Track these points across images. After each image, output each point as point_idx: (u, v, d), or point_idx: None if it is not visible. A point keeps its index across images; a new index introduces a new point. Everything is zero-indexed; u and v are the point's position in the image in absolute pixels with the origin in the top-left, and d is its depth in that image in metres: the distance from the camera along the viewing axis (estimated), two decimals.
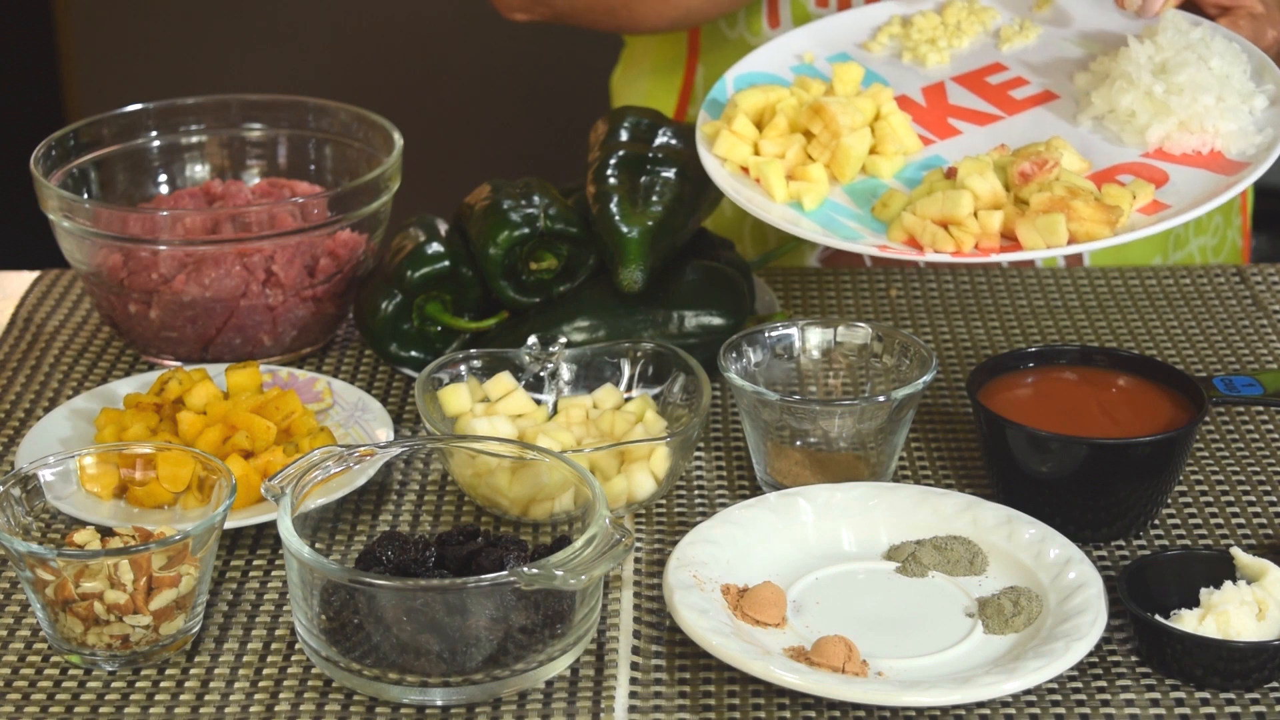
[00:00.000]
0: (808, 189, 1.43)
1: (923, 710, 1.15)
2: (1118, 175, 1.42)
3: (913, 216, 1.37)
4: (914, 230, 1.37)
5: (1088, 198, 1.36)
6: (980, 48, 1.58)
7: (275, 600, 1.26)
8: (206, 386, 1.39)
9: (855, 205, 1.43)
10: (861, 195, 1.44)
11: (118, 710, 1.16)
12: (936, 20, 1.59)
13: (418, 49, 3.36)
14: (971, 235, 1.36)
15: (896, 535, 1.29)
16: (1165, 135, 1.44)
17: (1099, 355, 1.38)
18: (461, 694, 1.15)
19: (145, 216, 1.48)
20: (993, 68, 1.56)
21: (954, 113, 1.51)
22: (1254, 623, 1.17)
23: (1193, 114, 1.43)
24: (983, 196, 1.37)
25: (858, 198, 1.44)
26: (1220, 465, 1.40)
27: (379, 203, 1.54)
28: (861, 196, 1.44)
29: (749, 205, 1.41)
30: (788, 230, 1.39)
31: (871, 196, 1.43)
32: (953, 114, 1.51)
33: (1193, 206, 1.37)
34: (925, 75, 1.56)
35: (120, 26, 3.41)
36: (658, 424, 1.37)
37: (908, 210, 1.38)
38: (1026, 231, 1.35)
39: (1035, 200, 1.36)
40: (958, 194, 1.36)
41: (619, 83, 1.93)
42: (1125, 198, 1.37)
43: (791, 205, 1.43)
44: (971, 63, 1.56)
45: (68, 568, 1.16)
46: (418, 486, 1.36)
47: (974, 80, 1.55)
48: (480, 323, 1.49)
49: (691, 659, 1.20)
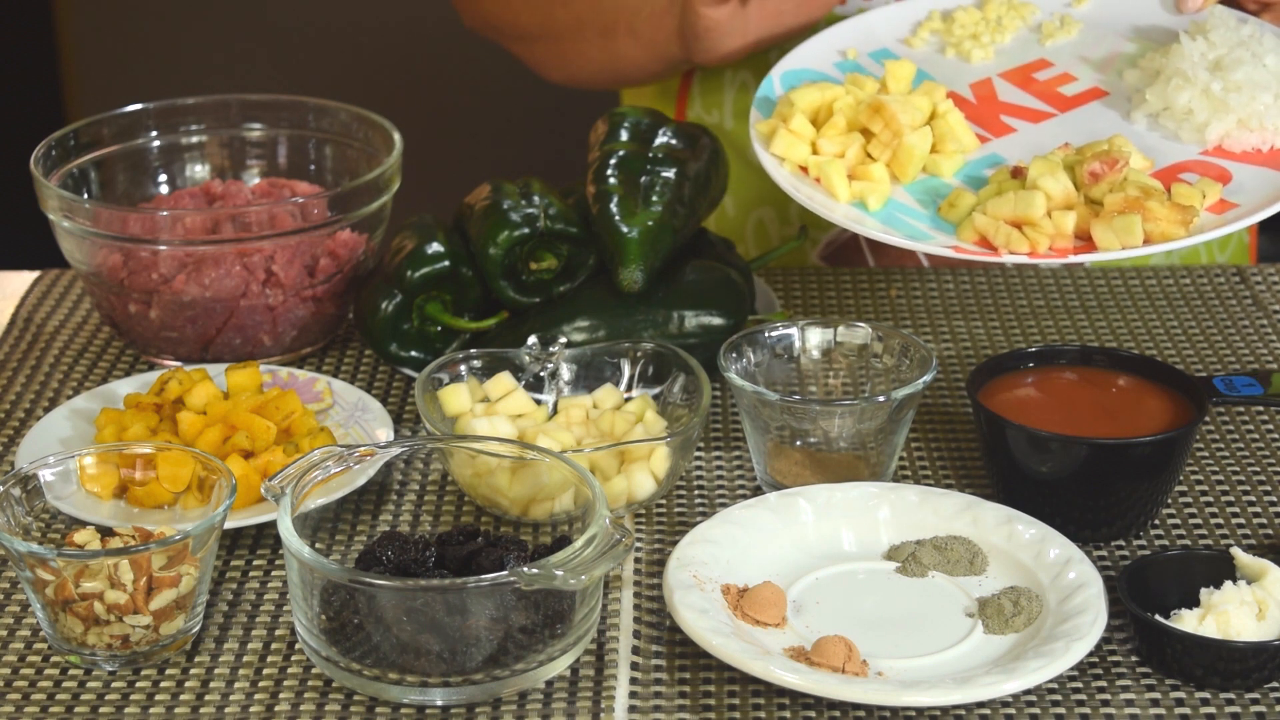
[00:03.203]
0: (871, 189, 1.42)
1: (923, 710, 1.15)
2: (1181, 174, 1.42)
3: (984, 217, 1.37)
4: (986, 231, 1.36)
5: (1161, 198, 1.35)
6: (1022, 43, 1.57)
7: (275, 600, 1.26)
8: (206, 386, 1.39)
9: (919, 205, 1.42)
10: (923, 195, 1.43)
11: (118, 710, 1.16)
12: (978, 15, 1.58)
13: (418, 49, 3.36)
14: (1046, 236, 1.35)
15: (896, 535, 1.29)
16: (1225, 133, 1.43)
17: (1099, 355, 1.38)
18: (461, 694, 1.15)
19: (145, 216, 1.48)
20: (1039, 64, 1.55)
21: (1006, 110, 1.51)
22: (1254, 623, 1.17)
23: (1251, 112, 1.43)
24: (1055, 197, 1.36)
25: (920, 197, 1.43)
26: (1220, 465, 1.40)
27: (379, 203, 1.54)
28: (924, 196, 1.43)
29: (810, 204, 1.40)
30: (852, 229, 1.38)
31: (933, 195, 1.43)
32: (1005, 111, 1.50)
33: (1263, 205, 1.37)
34: (971, 71, 1.55)
35: (120, 26, 3.41)
36: (658, 424, 1.37)
37: (978, 211, 1.37)
38: (1102, 232, 1.34)
39: (1109, 201, 1.35)
40: (1031, 194, 1.36)
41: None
42: (1196, 197, 1.37)
43: (855, 205, 1.42)
44: (1016, 58, 1.56)
45: (68, 568, 1.16)
46: (418, 486, 1.36)
47: (1021, 76, 1.54)
48: (480, 323, 1.49)
49: (691, 659, 1.20)
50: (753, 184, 1.81)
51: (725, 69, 1.77)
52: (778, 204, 1.80)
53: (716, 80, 1.79)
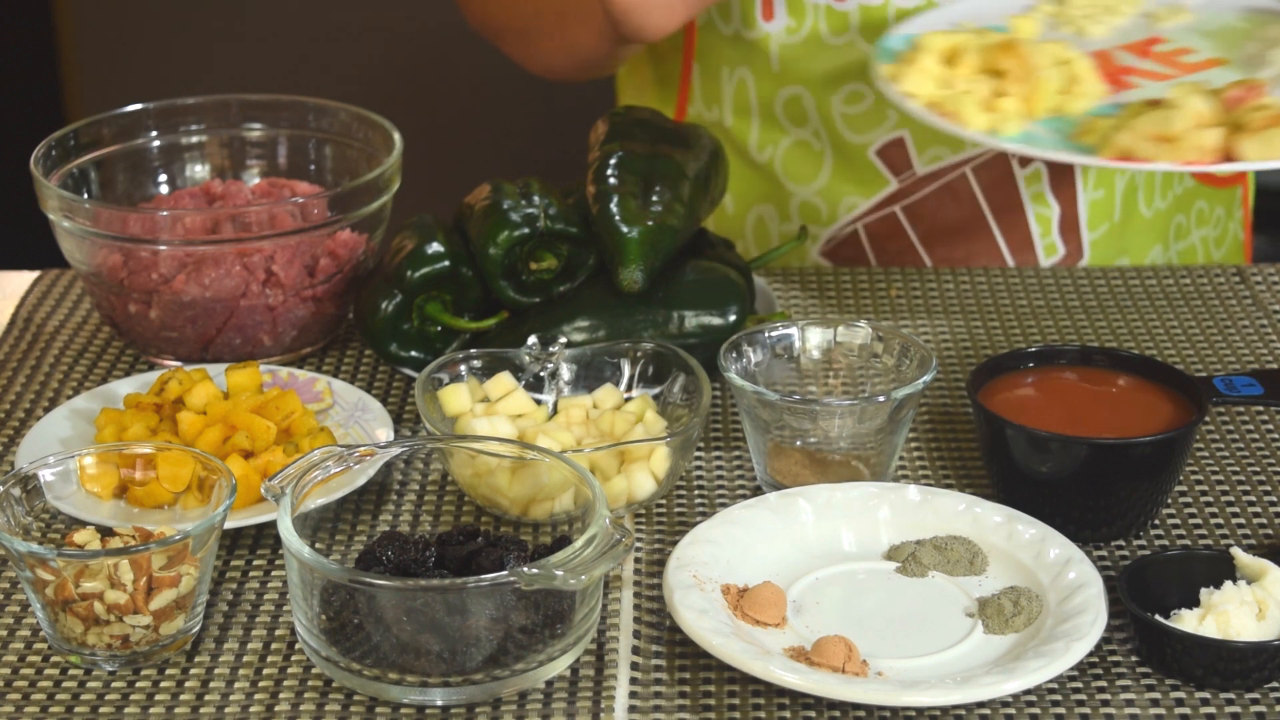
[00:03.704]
0: (1003, 119, 1.43)
1: (923, 710, 1.15)
2: None
3: (1127, 133, 1.37)
4: (1130, 146, 1.37)
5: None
6: (1136, 25, 1.60)
7: (275, 600, 1.26)
8: (206, 386, 1.39)
9: (1053, 134, 1.43)
10: (1055, 129, 1.44)
11: (118, 710, 1.16)
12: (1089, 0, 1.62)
13: (418, 48, 3.36)
14: (1192, 149, 1.36)
15: (896, 535, 1.29)
16: None
17: (1099, 355, 1.38)
18: (461, 694, 1.15)
19: (145, 216, 1.48)
20: (1155, 39, 1.57)
21: (1129, 72, 1.52)
22: (1254, 623, 1.17)
23: None
24: (1201, 113, 1.37)
25: (1052, 129, 1.44)
26: (1220, 465, 1.40)
27: (379, 203, 1.54)
28: (1056, 129, 1.44)
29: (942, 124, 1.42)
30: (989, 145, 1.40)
31: (1066, 130, 1.44)
32: (1128, 73, 1.52)
33: None
34: (1089, 43, 1.56)
35: (120, 26, 3.41)
36: (658, 424, 1.37)
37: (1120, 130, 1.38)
38: (1249, 145, 1.36)
39: (1253, 119, 1.37)
40: (1173, 112, 1.37)
41: (625, 82, 1.94)
42: None
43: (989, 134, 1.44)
44: (1132, 35, 1.58)
45: (68, 568, 1.16)
46: (418, 486, 1.36)
47: (1141, 48, 1.56)
48: (480, 323, 1.49)
49: (691, 659, 1.20)
50: (752, 181, 1.81)
51: (723, 66, 1.78)
52: (777, 201, 1.81)
53: (716, 77, 1.79)
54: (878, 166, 1.76)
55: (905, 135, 1.74)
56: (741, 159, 1.80)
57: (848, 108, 1.74)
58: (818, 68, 1.73)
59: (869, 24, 1.70)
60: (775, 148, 1.78)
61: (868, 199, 1.77)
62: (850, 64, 1.72)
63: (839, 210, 1.78)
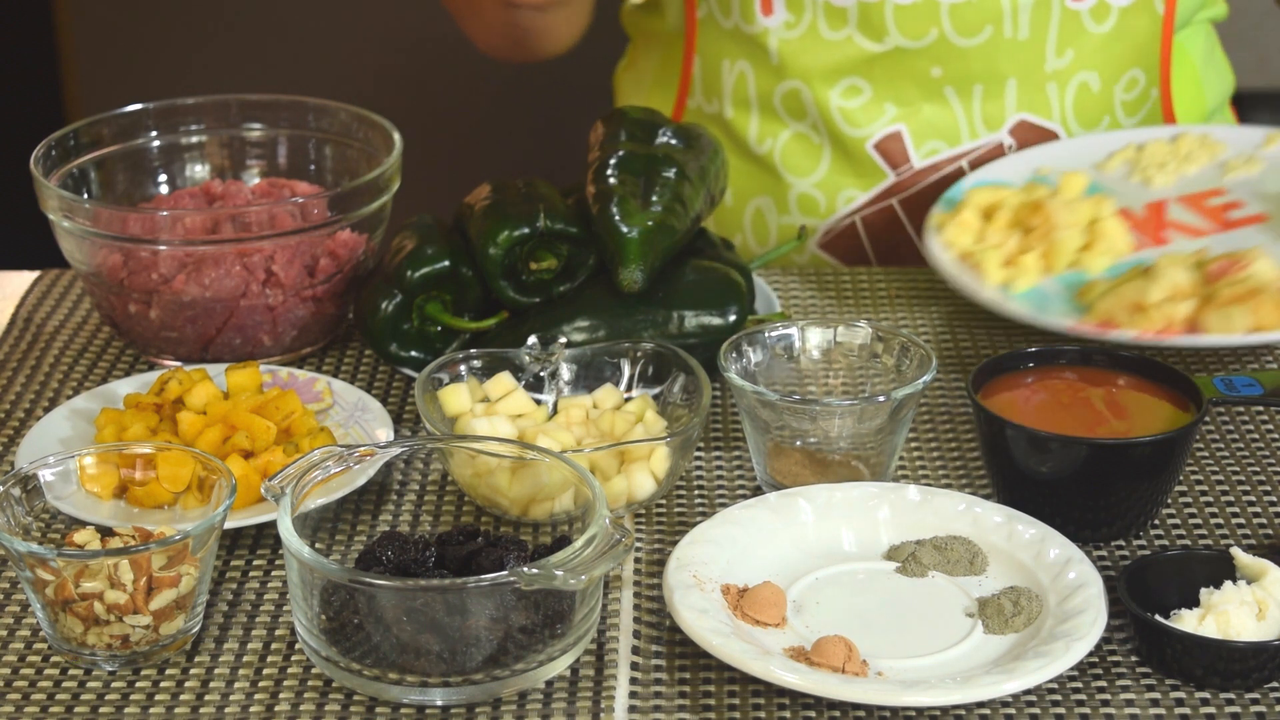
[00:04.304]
0: (1019, 274, 1.53)
1: (923, 710, 1.15)
2: None
3: (1109, 301, 1.46)
4: (1109, 313, 1.46)
5: (1274, 294, 1.43)
6: (1206, 175, 1.68)
7: (275, 600, 1.26)
8: (206, 386, 1.39)
9: (1061, 291, 1.52)
10: (1067, 285, 1.53)
11: (118, 710, 1.16)
12: (1169, 148, 1.70)
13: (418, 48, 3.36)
14: (1163, 319, 1.44)
15: (896, 535, 1.29)
16: None
17: (1099, 355, 1.38)
18: (461, 694, 1.15)
19: (145, 216, 1.48)
20: (1214, 192, 1.66)
21: (1169, 226, 1.61)
22: (1254, 623, 1.17)
23: None
24: (1176, 286, 1.45)
25: (1064, 285, 1.53)
26: (1220, 465, 1.40)
27: (379, 203, 1.54)
28: (1067, 285, 1.53)
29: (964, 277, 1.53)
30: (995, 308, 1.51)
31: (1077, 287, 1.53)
32: (1168, 227, 1.61)
33: None
34: (1149, 194, 1.65)
35: (120, 26, 3.41)
36: (658, 424, 1.37)
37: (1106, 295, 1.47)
38: (1211, 318, 1.43)
39: (1223, 292, 1.44)
40: (1152, 282, 1.45)
41: (623, 78, 1.94)
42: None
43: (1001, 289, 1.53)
44: (1195, 186, 1.66)
45: (68, 568, 1.16)
46: (418, 486, 1.36)
47: (1194, 201, 1.64)
48: (480, 323, 1.49)
49: (691, 659, 1.20)
50: (751, 174, 1.81)
51: (723, 59, 1.78)
52: (776, 193, 1.81)
53: (716, 70, 1.80)
54: (875, 159, 1.76)
55: (903, 129, 1.75)
56: (741, 151, 1.80)
57: (845, 101, 1.75)
58: (816, 62, 1.74)
59: (866, 19, 1.70)
60: (775, 140, 1.79)
61: (865, 191, 1.78)
62: (848, 58, 1.73)
63: (837, 202, 1.79)
